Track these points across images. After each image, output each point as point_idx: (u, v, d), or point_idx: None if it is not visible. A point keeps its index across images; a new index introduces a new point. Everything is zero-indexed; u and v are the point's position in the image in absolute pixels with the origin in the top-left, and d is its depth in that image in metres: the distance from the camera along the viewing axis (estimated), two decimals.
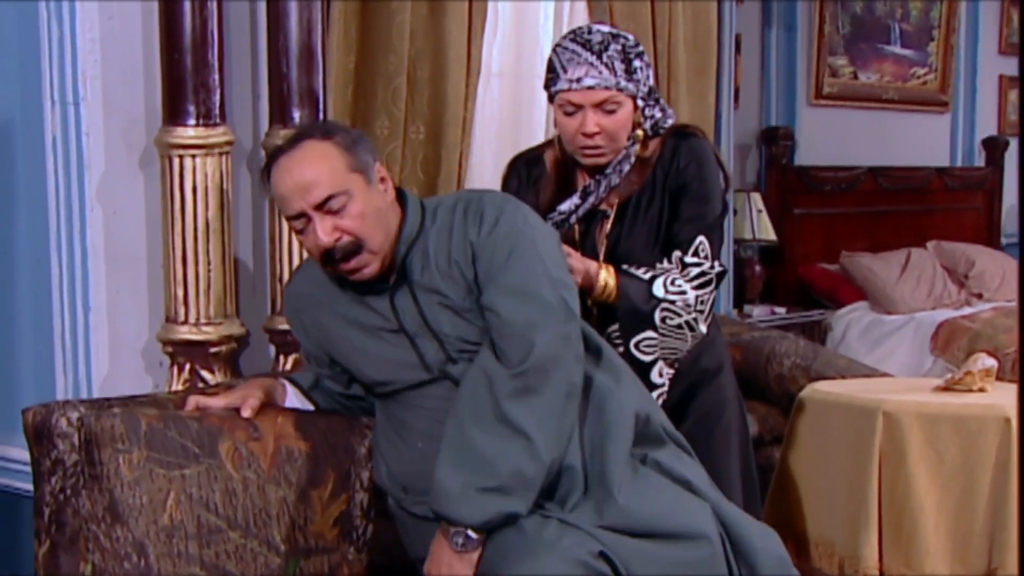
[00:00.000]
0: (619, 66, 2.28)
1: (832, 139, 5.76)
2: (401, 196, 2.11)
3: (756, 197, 5.10)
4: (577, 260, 2.29)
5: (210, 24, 2.58)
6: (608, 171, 2.35)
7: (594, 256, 2.37)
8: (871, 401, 2.92)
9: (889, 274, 5.38)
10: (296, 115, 2.72)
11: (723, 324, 3.74)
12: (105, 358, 2.61)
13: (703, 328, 2.33)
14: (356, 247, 2.00)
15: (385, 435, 2.15)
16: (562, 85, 2.31)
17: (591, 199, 2.38)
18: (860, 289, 5.39)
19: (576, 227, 2.41)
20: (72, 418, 2.03)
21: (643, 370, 2.29)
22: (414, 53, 3.34)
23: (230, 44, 2.74)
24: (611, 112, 2.30)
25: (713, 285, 2.34)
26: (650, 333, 2.30)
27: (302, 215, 2.01)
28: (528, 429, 1.88)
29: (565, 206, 2.38)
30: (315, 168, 1.99)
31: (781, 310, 5.12)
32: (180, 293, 2.59)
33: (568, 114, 2.33)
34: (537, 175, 2.46)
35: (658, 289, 2.30)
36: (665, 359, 2.33)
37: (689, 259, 2.33)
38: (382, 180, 2.07)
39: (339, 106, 3.19)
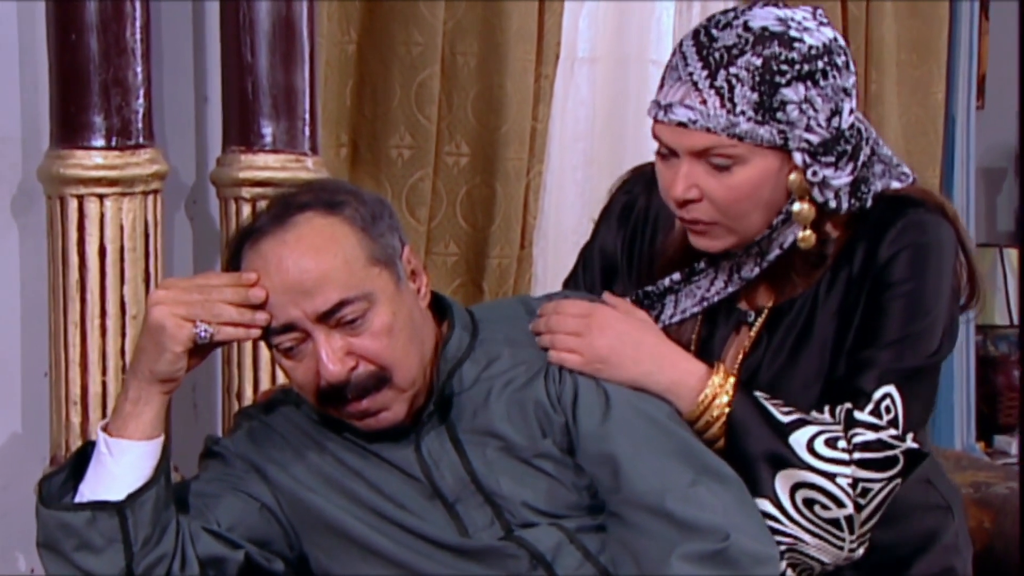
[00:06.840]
0: (744, 94, 2.11)
1: None
2: (434, 300, 2.19)
3: (1012, 255, 5.07)
4: (670, 353, 2.22)
5: None
6: (738, 253, 2.27)
7: None
8: None
9: None
10: (267, 130, 2.77)
11: (964, 466, 3.72)
12: None
13: (861, 533, 2.18)
14: (378, 380, 2.04)
15: None
16: (650, 108, 2.22)
17: (701, 284, 2.33)
18: None
19: (694, 328, 2.36)
20: None
21: None
22: (452, 27, 3.39)
23: (161, 18, 2.79)
24: (722, 169, 2.16)
25: (894, 471, 2.16)
26: (766, 506, 2.20)
27: (293, 328, 2.03)
28: None
29: (666, 282, 2.34)
30: (319, 259, 2.01)
31: None
32: (77, 419, 2.61)
33: (662, 156, 2.24)
34: (658, 208, 2.39)
35: (799, 444, 2.15)
36: (792, 564, 2.22)
37: (862, 416, 2.18)
38: (412, 274, 2.12)
39: (333, 112, 3.24)
